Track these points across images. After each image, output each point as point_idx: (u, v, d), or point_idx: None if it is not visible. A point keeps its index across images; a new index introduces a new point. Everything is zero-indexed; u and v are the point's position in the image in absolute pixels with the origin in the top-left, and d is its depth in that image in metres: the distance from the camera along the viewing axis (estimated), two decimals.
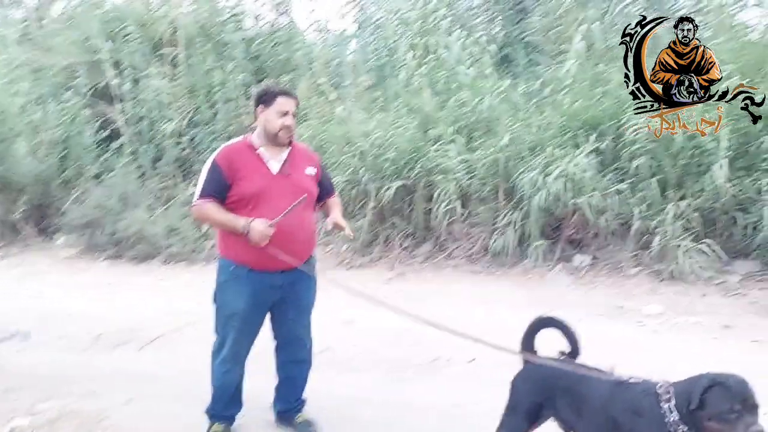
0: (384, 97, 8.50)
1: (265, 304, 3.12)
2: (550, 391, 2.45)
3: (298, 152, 3.19)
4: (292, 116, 3.07)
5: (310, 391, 3.50)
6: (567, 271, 6.30)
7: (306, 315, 3.28)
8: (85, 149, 9.70)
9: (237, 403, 3.33)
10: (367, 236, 7.27)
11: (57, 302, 6.21)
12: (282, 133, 3.05)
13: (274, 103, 3.06)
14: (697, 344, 4.50)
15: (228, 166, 2.99)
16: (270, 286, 3.07)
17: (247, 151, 3.06)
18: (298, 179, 3.09)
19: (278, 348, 3.33)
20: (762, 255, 5.81)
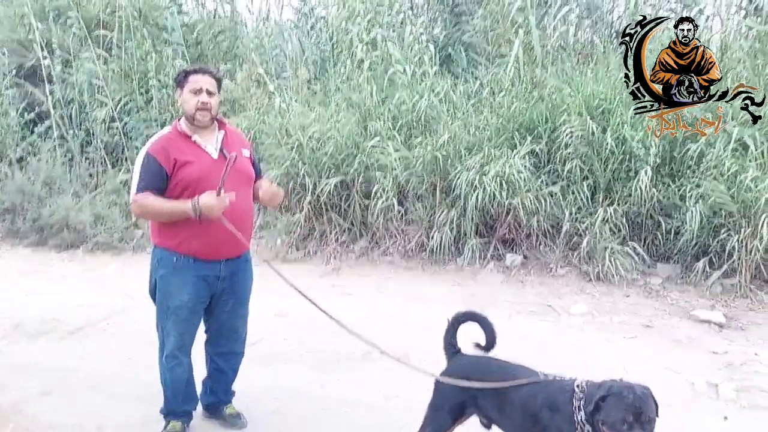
0: (324, 91, 8.43)
1: (207, 295, 3.06)
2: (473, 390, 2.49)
3: (231, 135, 3.13)
4: (207, 93, 2.96)
5: (240, 383, 3.45)
6: (499, 269, 6.43)
7: (244, 305, 3.24)
8: (9, 131, 9.22)
9: (192, 398, 3.26)
10: (302, 230, 7.21)
11: None
12: (198, 113, 2.94)
13: (187, 82, 2.98)
14: (619, 343, 4.67)
15: (165, 156, 2.88)
16: (215, 276, 3.01)
17: (181, 139, 2.97)
18: (238, 163, 3.00)
19: (210, 340, 3.26)
20: (683, 259, 6.09)
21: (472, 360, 2.61)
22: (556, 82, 6.91)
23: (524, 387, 2.31)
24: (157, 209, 2.88)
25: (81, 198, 8.17)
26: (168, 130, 3.05)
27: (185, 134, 2.98)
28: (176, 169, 2.88)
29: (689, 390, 3.89)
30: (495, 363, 2.54)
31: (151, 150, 2.91)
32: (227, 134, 3.08)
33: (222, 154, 2.98)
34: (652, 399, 2.08)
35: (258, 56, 9.22)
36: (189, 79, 2.98)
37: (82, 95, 9.32)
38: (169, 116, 9.06)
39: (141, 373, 3.99)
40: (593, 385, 2.16)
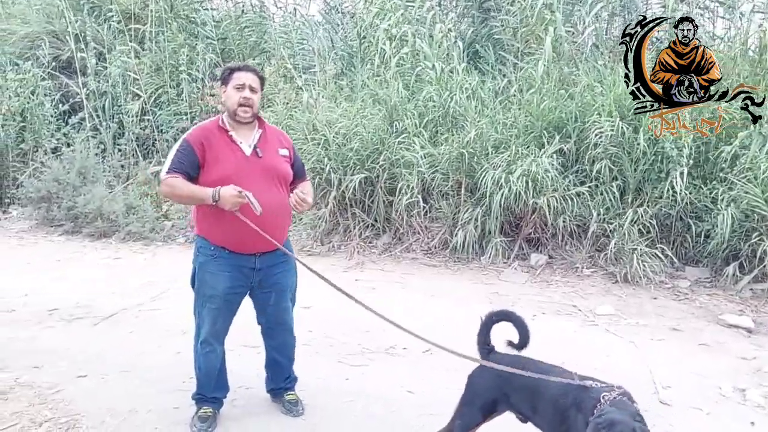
0: (351, 86, 8.47)
1: (243, 286, 3.13)
2: (506, 388, 2.52)
3: (270, 133, 3.19)
4: (250, 90, 3.04)
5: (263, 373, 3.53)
6: (523, 268, 6.42)
7: (285, 298, 3.30)
8: (44, 121, 9.44)
9: (223, 386, 3.36)
10: (327, 225, 7.27)
11: (11, 274, 6.07)
12: (240, 110, 3.02)
13: (232, 78, 3.07)
14: (645, 345, 4.64)
15: (200, 145, 2.98)
16: (250, 268, 3.08)
17: (219, 133, 3.05)
18: (270, 161, 3.09)
19: (264, 333, 3.38)
20: (712, 262, 6.02)
21: (508, 359, 2.62)
22: (587, 80, 6.86)
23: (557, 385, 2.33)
24: (181, 191, 2.97)
25: (113, 188, 8.34)
26: (210, 122, 3.15)
27: (224, 129, 3.06)
28: (208, 161, 2.98)
29: (716, 395, 3.86)
30: (531, 362, 2.56)
31: (189, 137, 3.03)
32: (265, 133, 3.15)
33: (255, 152, 3.05)
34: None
35: (286, 51, 9.29)
36: (233, 75, 3.07)
37: (115, 88, 9.50)
38: (198, 110, 9.21)
39: (171, 360, 4.09)
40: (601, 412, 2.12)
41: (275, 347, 3.40)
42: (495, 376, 2.58)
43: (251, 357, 3.73)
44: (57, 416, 3.25)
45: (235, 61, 9.29)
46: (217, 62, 9.47)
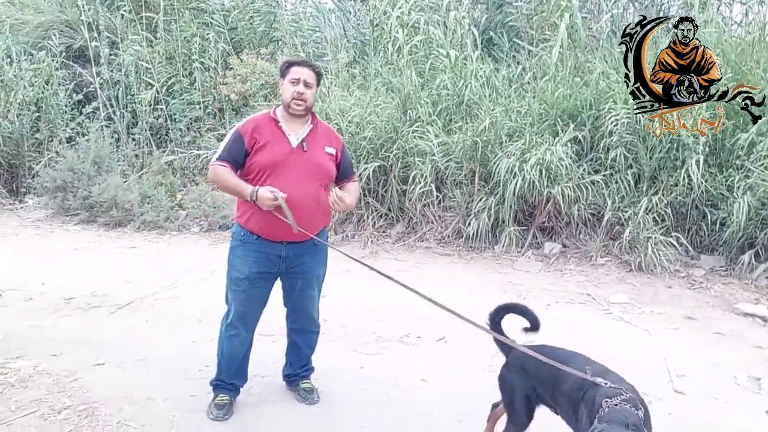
0: (364, 75, 8.44)
1: (271, 273, 3.21)
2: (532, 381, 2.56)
3: (320, 130, 3.25)
4: (304, 85, 3.12)
5: (282, 362, 3.55)
6: (537, 257, 6.41)
7: (312, 287, 3.35)
8: (58, 111, 9.51)
9: (242, 375, 3.40)
10: (340, 214, 7.28)
11: (28, 264, 6.13)
12: (294, 103, 3.11)
13: (288, 72, 3.15)
14: (660, 334, 4.62)
15: (249, 135, 3.09)
16: (276, 255, 3.15)
17: (270, 122, 3.15)
18: (315, 156, 3.15)
19: (287, 315, 3.45)
20: (728, 251, 5.98)
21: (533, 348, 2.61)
22: (602, 67, 6.79)
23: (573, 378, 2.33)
24: (225, 180, 3.09)
25: (128, 177, 8.39)
26: (263, 112, 3.25)
27: (275, 119, 3.15)
28: (255, 149, 3.08)
29: (731, 384, 3.84)
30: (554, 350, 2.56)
31: (240, 127, 3.15)
32: (315, 128, 3.21)
33: (301, 145, 3.13)
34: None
35: (298, 39, 9.27)
36: (290, 70, 3.15)
37: (128, 77, 9.53)
38: (211, 98, 9.22)
39: (187, 348, 4.14)
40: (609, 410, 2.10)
41: (296, 331, 3.46)
42: (520, 371, 2.61)
43: (267, 346, 3.76)
44: (75, 404, 3.29)
45: (247, 50, 9.29)
46: (228, 51, 9.47)
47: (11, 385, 3.45)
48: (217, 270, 4.97)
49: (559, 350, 2.58)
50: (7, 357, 3.83)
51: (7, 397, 3.32)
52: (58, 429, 3.04)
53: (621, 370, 3.83)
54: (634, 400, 2.10)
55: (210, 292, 5.07)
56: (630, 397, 2.11)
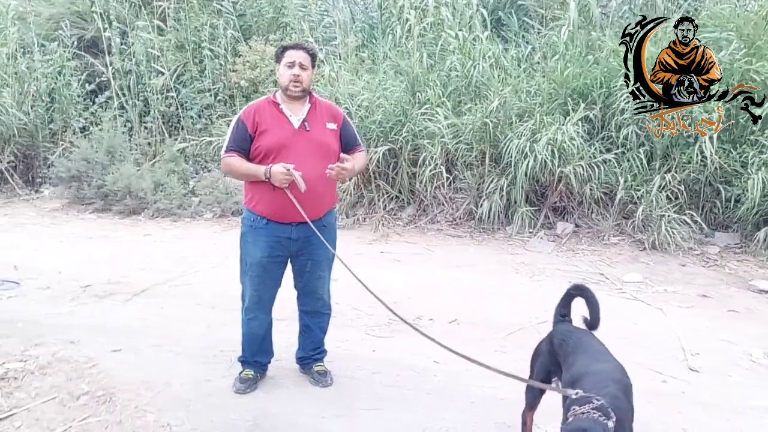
0: (372, 58, 8.40)
1: (281, 255, 3.26)
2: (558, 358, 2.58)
3: (319, 108, 3.28)
4: (299, 67, 3.16)
5: (294, 347, 3.59)
6: (550, 237, 6.39)
7: (322, 268, 3.39)
8: (71, 101, 9.58)
9: (266, 352, 3.51)
10: (352, 198, 7.30)
11: (45, 253, 6.22)
12: (291, 85, 3.16)
13: (284, 56, 3.21)
14: (674, 312, 4.62)
15: (251, 121, 3.15)
16: (286, 238, 3.21)
17: (270, 106, 3.21)
18: (318, 134, 3.20)
19: (298, 298, 3.51)
20: (742, 227, 5.93)
21: (567, 329, 2.65)
22: (612, 45, 6.71)
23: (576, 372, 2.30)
24: (237, 169, 3.17)
25: (141, 166, 8.46)
26: (263, 98, 3.31)
27: (275, 102, 3.21)
28: (259, 133, 3.14)
29: (746, 361, 3.83)
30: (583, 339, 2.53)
31: (242, 114, 3.21)
32: (315, 107, 3.25)
33: (303, 125, 3.17)
34: None
35: (305, 24, 9.24)
36: (285, 54, 3.20)
37: (140, 66, 9.56)
38: (221, 86, 9.24)
39: (203, 333, 4.19)
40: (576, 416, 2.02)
41: (307, 313, 3.51)
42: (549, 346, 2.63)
43: (281, 329, 3.79)
44: (93, 389, 3.35)
45: (256, 37, 9.28)
46: (237, 38, 9.46)
47: (31, 372, 3.51)
48: (230, 255, 5.01)
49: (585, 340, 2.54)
50: (26, 345, 3.90)
51: (27, 384, 3.39)
52: (77, 415, 3.10)
53: (636, 349, 3.89)
54: (604, 408, 1.98)
55: (224, 277, 5.13)
56: (600, 405, 1.99)
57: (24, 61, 9.69)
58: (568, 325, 2.71)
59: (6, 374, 3.46)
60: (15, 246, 6.49)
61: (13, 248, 6.38)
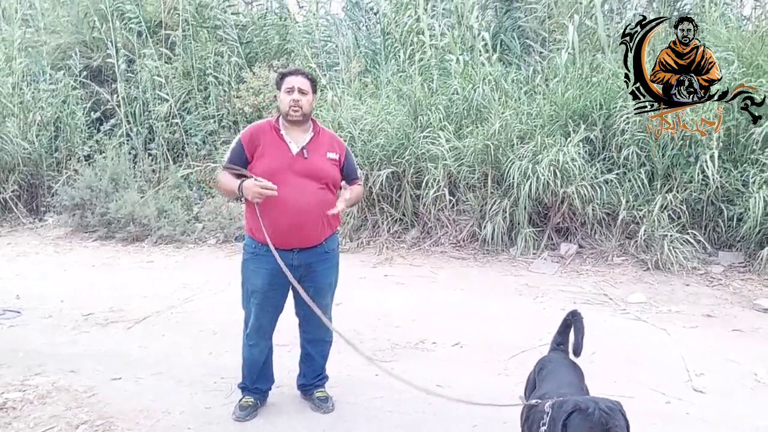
0: (375, 83, 8.49)
1: (283, 283, 3.21)
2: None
3: (322, 137, 3.28)
4: (299, 92, 3.16)
5: (296, 371, 3.57)
6: (553, 259, 6.37)
7: (324, 295, 3.37)
8: (76, 130, 9.67)
9: (266, 379, 3.48)
10: (355, 221, 7.31)
11: (47, 281, 6.23)
12: (291, 110, 3.16)
13: (283, 83, 3.21)
14: (679, 333, 4.57)
15: (249, 142, 3.16)
16: (289, 265, 3.15)
17: (271, 130, 3.21)
18: (317, 162, 3.18)
19: (300, 326, 3.48)
20: (746, 246, 5.89)
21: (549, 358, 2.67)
22: (612, 67, 6.75)
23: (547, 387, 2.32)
24: (221, 183, 3.22)
25: (145, 193, 8.51)
26: (265, 120, 3.31)
27: (276, 128, 3.21)
28: (256, 156, 3.14)
29: (752, 381, 3.78)
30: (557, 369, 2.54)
31: (242, 135, 3.22)
32: (317, 136, 3.25)
33: (301, 152, 3.17)
34: (620, 414, 1.96)
35: (309, 50, 9.35)
36: (285, 80, 3.21)
37: (145, 93, 9.67)
38: (225, 112, 9.33)
39: (204, 361, 4.17)
40: (558, 405, 2.05)
41: (309, 341, 3.48)
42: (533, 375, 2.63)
43: (282, 355, 3.78)
44: (92, 419, 3.33)
45: (260, 63, 9.39)
46: (242, 65, 9.57)
47: (30, 402, 3.50)
48: (233, 281, 4.98)
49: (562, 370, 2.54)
50: (26, 374, 3.90)
51: (26, 414, 3.37)
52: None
53: (639, 370, 3.85)
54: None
55: (226, 303, 5.12)
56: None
57: (29, 91, 9.81)
58: (553, 355, 2.70)
59: (5, 404, 3.45)
60: (18, 275, 6.51)
61: (16, 277, 6.40)
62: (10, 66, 9.91)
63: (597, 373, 3.66)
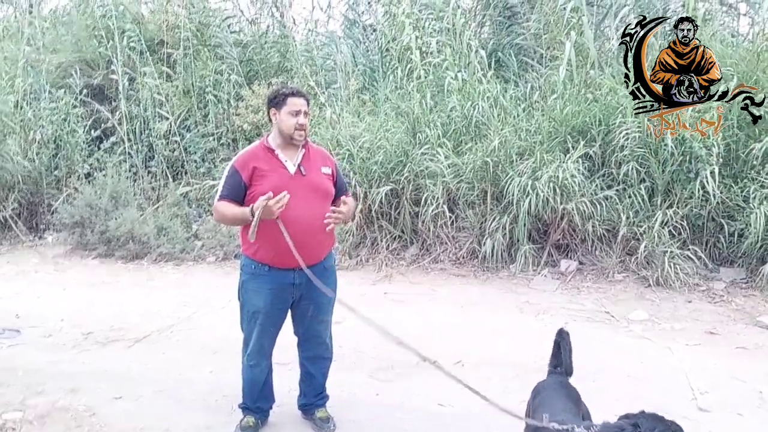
0: (373, 101, 8.52)
1: (284, 302, 3.21)
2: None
3: (313, 153, 3.28)
4: (304, 115, 3.16)
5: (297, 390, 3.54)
6: (553, 275, 6.36)
7: (324, 312, 3.35)
8: (76, 147, 9.68)
9: (267, 398, 3.45)
10: (354, 238, 7.30)
11: (47, 300, 6.20)
12: (296, 134, 3.14)
13: (286, 104, 3.16)
14: (681, 350, 4.55)
15: (245, 169, 3.11)
16: (289, 284, 3.15)
17: (265, 153, 3.17)
18: (314, 178, 3.19)
19: (299, 344, 3.45)
20: (747, 262, 5.89)
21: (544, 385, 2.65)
22: (611, 83, 6.79)
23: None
24: (227, 215, 3.13)
25: (144, 210, 8.50)
26: (255, 145, 3.27)
27: (270, 148, 3.18)
28: (254, 180, 3.10)
29: (756, 399, 3.77)
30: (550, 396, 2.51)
31: (236, 163, 3.16)
32: (308, 152, 3.25)
33: (299, 170, 3.16)
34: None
35: (308, 68, 9.40)
36: (288, 101, 3.16)
37: (145, 111, 9.70)
38: (224, 130, 9.35)
39: (205, 379, 4.15)
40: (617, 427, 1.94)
41: (309, 359, 3.45)
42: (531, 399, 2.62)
43: (283, 374, 3.75)
44: None
45: (261, 81, 9.43)
46: (241, 83, 9.62)
47: (29, 422, 3.47)
48: (233, 299, 4.95)
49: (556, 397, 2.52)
50: (26, 394, 3.87)
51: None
52: None
53: (643, 388, 3.83)
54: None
55: (227, 321, 5.07)
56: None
57: (30, 109, 9.83)
58: (550, 380, 2.68)
59: (4, 425, 3.42)
60: (18, 294, 6.47)
61: (15, 296, 6.36)
62: (12, 85, 9.94)
63: (600, 391, 3.65)
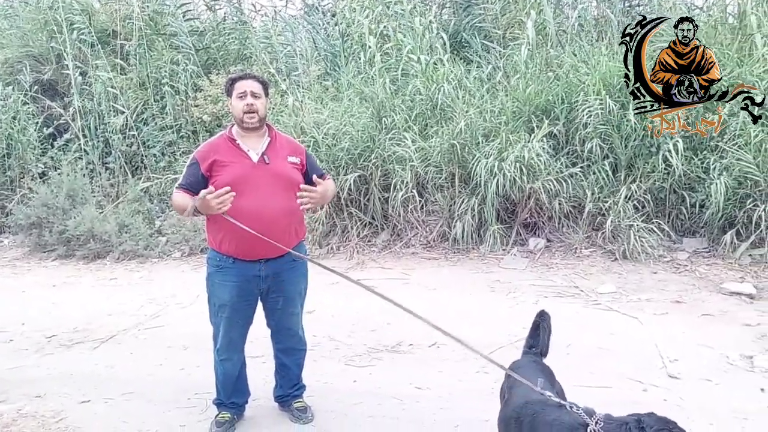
0: (336, 86, 8.42)
1: (251, 294, 3.14)
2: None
3: (279, 142, 3.19)
4: (252, 95, 3.06)
5: (273, 381, 3.49)
6: (523, 254, 6.40)
7: (294, 304, 3.29)
8: (29, 146, 9.35)
9: (242, 392, 3.39)
10: (324, 227, 7.23)
11: (6, 304, 5.99)
12: (246, 116, 3.05)
13: (234, 88, 3.11)
14: (650, 320, 4.63)
15: (204, 160, 3.02)
16: (255, 276, 3.08)
17: (227, 143, 3.09)
18: (278, 167, 3.08)
19: (272, 336, 3.39)
20: (709, 232, 6.02)
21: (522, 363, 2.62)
22: (572, 61, 6.83)
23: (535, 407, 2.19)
24: (178, 204, 3.03)
25: (104, 208, 8.27)
26: (218, 135, 3.18)
27: (232, 138, 3.09)
28: (214, 171, 3.01)
29: (724, 363, 3.85)
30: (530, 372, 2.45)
31: (197, 153, 3.09)
32: (274, 140, 3.15)
33: (262, 158, 3.06)
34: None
35: (268, 55, 9.23)
36: (235, 86, 3.10)
37: (99, 105, 9.42)
38: (183, 122, 9.14)
39: (175, 377, 4.05)
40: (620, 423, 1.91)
41: (283, 351, 3.40)
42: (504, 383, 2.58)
43: (257, 366, 3.70)
44: None
45: (219, 70, 9.24)
46: (198, 73, 9.40)
47: None
48: (201, 294, 4.85)
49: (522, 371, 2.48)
50: None
51: None
52: None
53: (614, 359, 3.88)
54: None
55: (195, 316, 5.00)
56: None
57: None
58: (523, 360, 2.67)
59: None
60: None
61: None
62: None
63: (573, 365, 3.69)
